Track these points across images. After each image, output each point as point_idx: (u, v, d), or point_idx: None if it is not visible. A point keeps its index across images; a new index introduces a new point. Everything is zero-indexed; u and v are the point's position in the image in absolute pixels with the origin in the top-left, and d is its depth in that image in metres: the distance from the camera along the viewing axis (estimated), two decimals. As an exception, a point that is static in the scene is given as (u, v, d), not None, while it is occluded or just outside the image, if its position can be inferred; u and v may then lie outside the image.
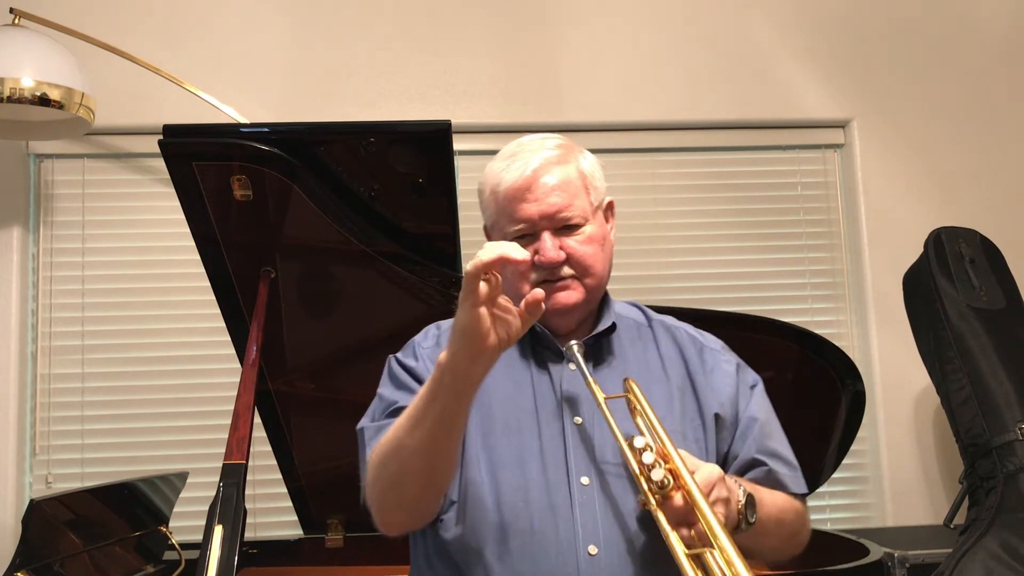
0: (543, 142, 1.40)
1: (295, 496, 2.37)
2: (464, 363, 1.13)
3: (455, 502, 1.29)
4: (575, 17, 3.11)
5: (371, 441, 1.30)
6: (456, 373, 1.13)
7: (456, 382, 1.14)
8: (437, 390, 1.16)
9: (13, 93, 2.42)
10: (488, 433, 1.32)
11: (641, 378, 1.34)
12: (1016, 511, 2.29)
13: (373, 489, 1.26)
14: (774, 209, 3.16)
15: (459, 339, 1.12)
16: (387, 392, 1.36)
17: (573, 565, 1.23)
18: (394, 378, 1.38)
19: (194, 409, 2.86)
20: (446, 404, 1.16)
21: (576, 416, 1.33)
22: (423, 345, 1.41)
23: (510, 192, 1.34)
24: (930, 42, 3.21)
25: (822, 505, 3.02)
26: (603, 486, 1.28)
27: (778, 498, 1.35)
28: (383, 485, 1.25)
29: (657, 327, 1.47)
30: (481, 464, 1.30)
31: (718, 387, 1.39)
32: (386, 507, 1.27)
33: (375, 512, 1.27)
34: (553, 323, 1.39)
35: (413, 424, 1.19)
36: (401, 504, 1.26)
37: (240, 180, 1.88)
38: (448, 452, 1.21)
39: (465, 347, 1.12)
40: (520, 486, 1.28)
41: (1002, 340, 2.50)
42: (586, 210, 1.37)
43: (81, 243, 2.92)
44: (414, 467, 1.20)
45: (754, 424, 1.38)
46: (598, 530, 1.25)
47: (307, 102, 2.97)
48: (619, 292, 3.30)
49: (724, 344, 1.49)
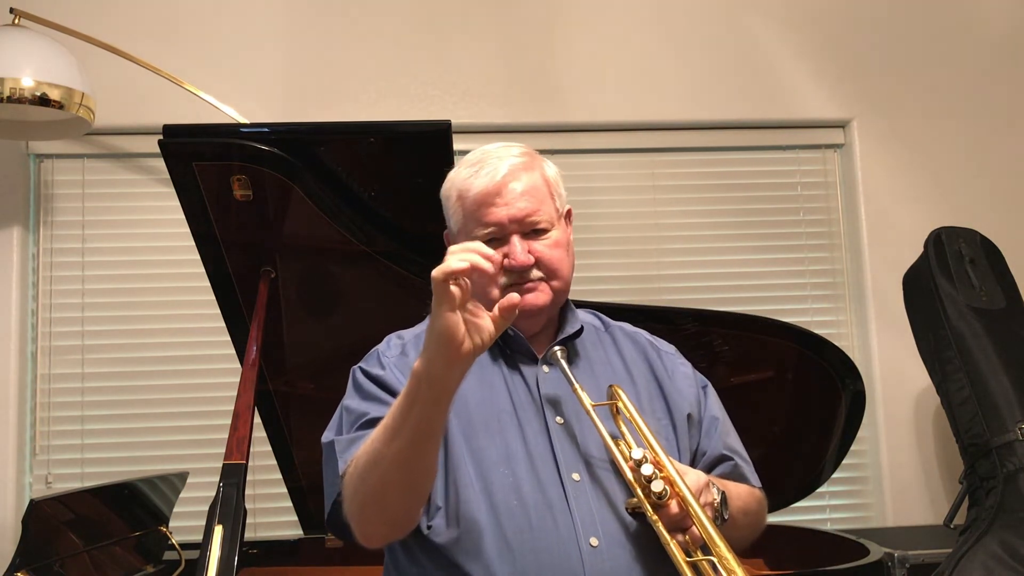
0: (507, 150, 1.41)
1: (295, 496, 2.37)
2: (440, 369, 1.13)
3: (441, 507, 1.30)
4: (575, 17, 3.11)
5: (343, 455, 1.30)
6: (432, 380, 1.14)
7: (433, 389, 1.14)
8: (414, 399, 1.16)
9: (13, 93, 2.43)
10: (470, 436, 1.33)
11: (607, 381, 1.39)
12: (1016, 511, 2.29)
13: (352, 503, 1.25)
14: (774, 209, 3.16)
15: (434, 346, 1.12)
16: (354, 404, 1.36)
17: (576, 558, 1.24)
18: (360, 389, 1.37)
19: (194, 409, 2.86)
20: (424, 412, 1.16)
21: (557, 416, 1.35)
22: (387, 354, 1.41)
23: (479, 197, 1.36)
24: (930, 42, 3.21)
25: (822, 505, 3.02)
26: (594, 481, 1.31)
27: (742, 490, 1.41)
28: (362, 499, 1.24)
29: (616, 332, 1.52)
30: (468, 466, 1.31)
31: (682, 389, 1.45)
32: (367, 520, 1.26)
33: (355, 526, 1.27)
34: (520, 325, 1.41)
35: (391, 435, 1.19)
36: (383, 516, 1.26)
37: (240, 180, 1.88)
38: (428, 461, 1.21)
39: (441, 353, 1.12)
40: (511, 485, 1.29)
41: (1002, 340, 2.50)
42: (552, 215, 1.40)
43: (81, 243, 2.92)
44: (395, 478, 1.20)
45: (716, 423, 1.45)
46: (596, 523, 1.27)
47: (307, 102, 2.97)
48: (619, 292, 3.29)
49: (676, 348, 1.55)
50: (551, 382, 1.38)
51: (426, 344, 1.14)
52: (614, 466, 1.30)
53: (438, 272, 1.10)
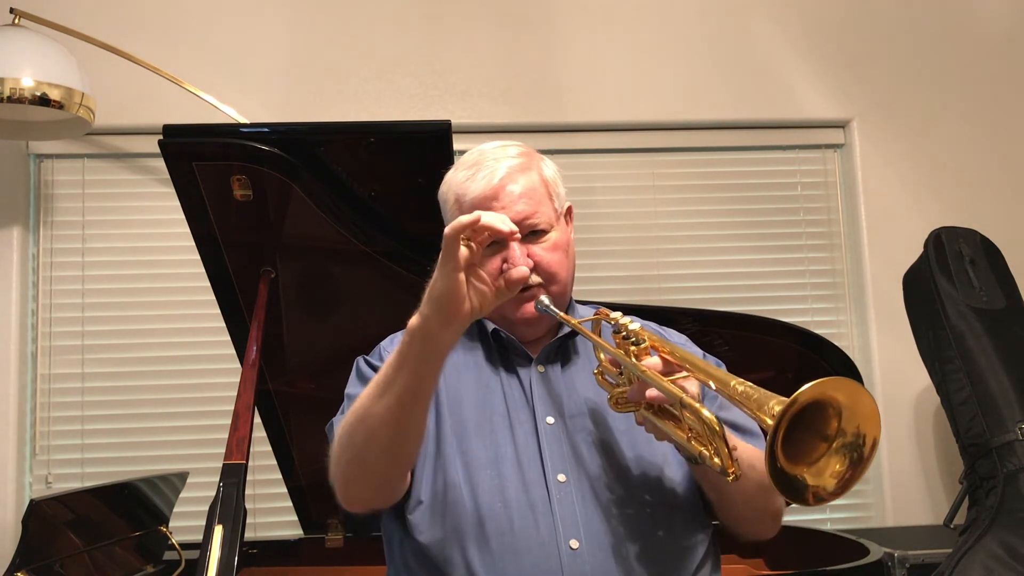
0: (504, 150, 1.41)
1: (295, 496, 2.37)
2: (436, 327, 1.14)
3: (423, 502, 1.30)
4: (575, 17, 3.11)
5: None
6: (427, 337, 1.15)
7: (426, 347, 1.15)
8: (406, 356, 1.17)
9: (13, 93, 2.42)
10: (463, 437, 1.33)
11: None
12: (1016, 511, 2.29)
13: (338, 463, 1.26)
14: (774, 209, 3.16)
15: (434, 303, 1.13)
16: (354, 390, 1.37)
17: (555, 560, 1.24)
18: (362, 377, 1.39)
19: (194, 409, 2.86)
20: (415, 369, 1.16)
21: (548, 416, 1.35)
22: (388, 348, 1.42)
23: (477, 200, 1.36)
24: (930, 42, 3.21)
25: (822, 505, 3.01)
26: (580, 482, 1.30)
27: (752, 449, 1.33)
28: (348, 456, 1.25)
29: None
30: (458, 467, 1.31)
31: None
32: (351, 480, 1.27)
33: (339, 487, 1.28)
34: (520, 332, 1.41)
35: (380, 391, 1.19)
36: (367, 477, 1.26)
37: (240, 180, 1.87)
38: (415, 422, 1.22)
39: (439, 311, 1.13)
40: (497, 486, 1.29)
41: (1002, 340, 2.50)
42: (551, 216, 1.39)
43: (81, 243, 2.92)
44: (381, 436, 1.20)
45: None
46: (578, 525, 1.26)
47: (307, 102, 2.97)
48: (619, 292, 3.29)
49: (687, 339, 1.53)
50: (542, 382, 1.38)
51: (425, 301, 1.15)
52: (603, 467, 1.30)
53: (449, 228, 1.11)
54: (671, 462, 1.35)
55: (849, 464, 1.03)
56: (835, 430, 1.03)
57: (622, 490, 1.30)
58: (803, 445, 1.03)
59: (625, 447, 1.34)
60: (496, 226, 1.12)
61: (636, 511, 1.29)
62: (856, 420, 1.02)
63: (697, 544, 1.32)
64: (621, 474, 1.32)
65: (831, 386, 0.99)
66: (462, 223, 1.10)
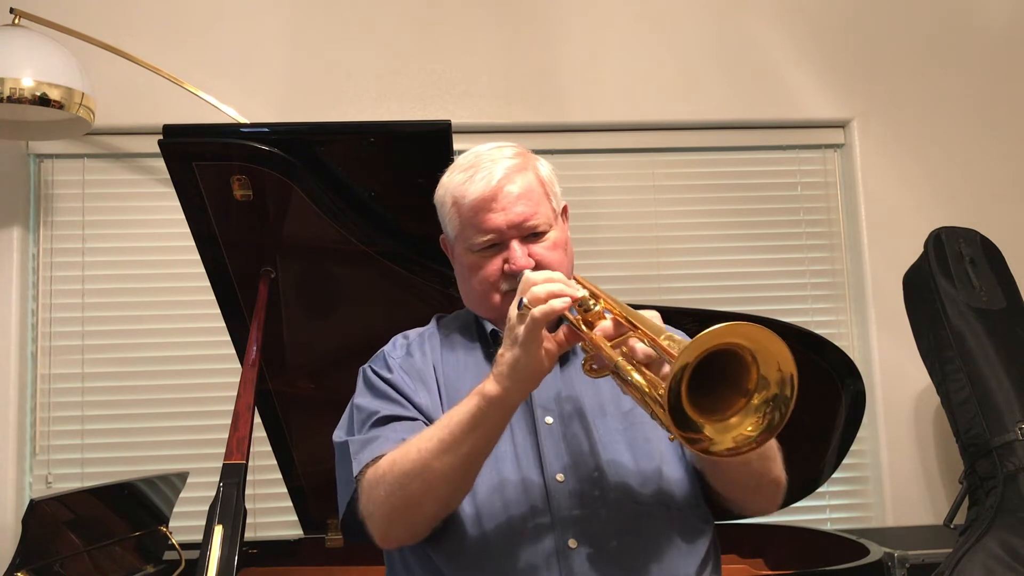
0: (500, 151, 1.41)
1: (295, 496, 2.37)
2: (517, 398, 1.19)
3: None
4: (575, 17, 3.11)
5: (358, 455, 1.30)
6: (506, 407, 1.18)
7: (503, 414, 1.19)
8: (479, 420, 1.18)
9: (13, 93, 2.43)
10: None
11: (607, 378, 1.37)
12: (1016, 511, 2.29)
13: (382, 506, 1.25)
14: (774, 209, 3.16)
15: (517, 377, 1.17)
16: (365, 402, 1.36)
17: (554, 559, 1.24)
18: (371, 388, 1.38)
19: (194, 409, 2.87)
20: (487, 434, 1.20)
21: (547, 416, 1.35)
22: (393, 355, 1.42)
23: (476, 203, 1.36)
24: (930, 42, 3.21)
25: (822, 505, 3.02)
26: (578, 482, 1.30)
27: None
28: (396, 503, 1.23)
29: None
30: None
31: None
32: (395, 523, 1.26)
33: (376, 528, 1.27)
34: None
35: (444, 449, 1.19)
36: (414, 523, 1.26)
37: (240, 180, 1.87)
38: (475, 475, 1.24)
39: (522, 384, 1.17)
40: (496, 486, 1.29)
41: (1002, 340, 2.50)
42: (549, 216, 1.40)
43: (81, 243, 2.92)
44: (440, 491, 1.22)
45: None
46: (575, 524, 1.27)
47: (307, 102, 2.97)
48: (619, 292, 3.30)
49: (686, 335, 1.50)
50: (545, 381, 1.38)
51: (503, 374, 1.17)
52: (601, 466, 1.30)
53: (539, 313, 1.14)
54: (670, 461, 1.35)
55: (768, 412, 1.07)
56: (754, 382, 1.06)
57: (620, 489, 1.30)
58: (720, 401, 1.05)
59: (623, 446, 1.33)
60: (558, 308, 1.15)
61: (634, 510, 1.29)
62: (773, 363, 1.06)
63: (697, 544, 1.32)
64: (619, 473, 1.31)
65: (733, 331, 1.01)
66: (553, 310, 1.14)
